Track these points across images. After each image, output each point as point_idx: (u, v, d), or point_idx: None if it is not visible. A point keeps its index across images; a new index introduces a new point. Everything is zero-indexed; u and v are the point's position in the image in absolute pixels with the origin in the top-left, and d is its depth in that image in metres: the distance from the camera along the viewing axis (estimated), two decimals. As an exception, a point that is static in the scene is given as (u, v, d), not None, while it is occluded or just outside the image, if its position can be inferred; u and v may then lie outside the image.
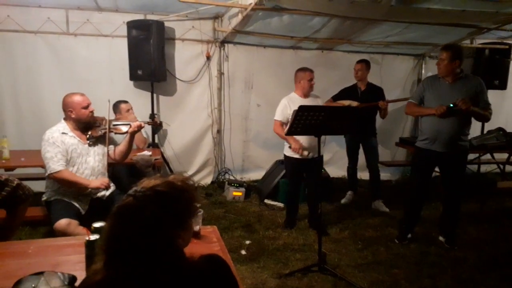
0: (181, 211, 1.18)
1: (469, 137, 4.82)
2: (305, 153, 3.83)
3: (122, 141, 3.22)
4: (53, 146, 2.90)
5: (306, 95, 3.93)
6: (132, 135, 3.14)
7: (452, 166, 3.61)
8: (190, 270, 1.15)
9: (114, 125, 3.16)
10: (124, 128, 3.15)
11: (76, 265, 1.78)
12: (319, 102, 3.99)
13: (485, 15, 4.11)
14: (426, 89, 3.60)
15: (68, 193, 2.98)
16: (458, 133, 3.50)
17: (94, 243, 1.82)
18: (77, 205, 2.99)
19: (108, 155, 3.16)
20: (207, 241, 2.12)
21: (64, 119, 3.05)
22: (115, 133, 3.20)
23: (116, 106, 4.33)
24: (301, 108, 3.00)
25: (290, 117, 3.51)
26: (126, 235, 1.10)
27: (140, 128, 3.14)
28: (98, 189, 3.01)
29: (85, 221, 2.87)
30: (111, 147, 3.21)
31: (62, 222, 2.76)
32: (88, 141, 3.05)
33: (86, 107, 3.00)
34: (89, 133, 3.04)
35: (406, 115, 4.00)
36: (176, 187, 1.19)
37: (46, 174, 2.93)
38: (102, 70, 4.91)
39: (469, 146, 3.63)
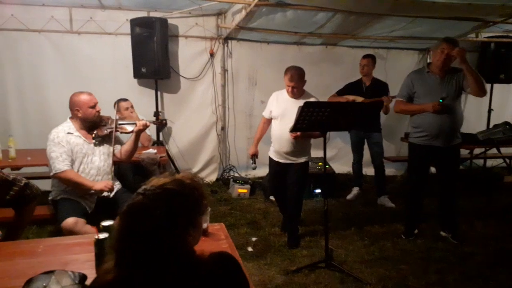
0: (191, 209, 1.18)
1: (475, 131, 4.84)
2: None
3: (128, 140, 3.22)
4: (59, 146, 2.90)
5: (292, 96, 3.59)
6: (138, 134, 3.13)
7: (449, 160, 3.63)
8: (201, 268, 1.14)
9: (120, 124, 3.15)
10: (130, 127, 3.14)
11: (85, 263, 1.78)
12: None
13: (491, 8, 4.06)
14: (415, 85, 3.59)
15: (75, 192, 2.98)
16: (458, 127, 3.56)
17: (103, 242, 1.82)
18: (83, 203, 3.00)
19: (114, 154, 3.15)
20: (215, 238, 2.11)
21: (70, 118, 3.04)
22: (121, 132, 3.19)
23: (115, 104, 4.32)
24: (306, 105, 2.98)
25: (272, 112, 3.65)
26: (137, 234, 1.10)
27: (145, 127, 3.12)
28: (101, 191, 3.00)
29: (92, 220, 2.88)
30: (117, 146, 3.20)
31: (70, 221, 2.77)
32: (94, 141, 3.04)
33: (93, 107, 2.99)
34: (95, 132, 3.03)
35: (396, 112, 3.94)
36: (186, 185, 1.19)
37: (51, 174, 2.93)
38: (106, 68, 4.90)
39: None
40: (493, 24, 4.68)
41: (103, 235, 1.85)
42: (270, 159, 3.74)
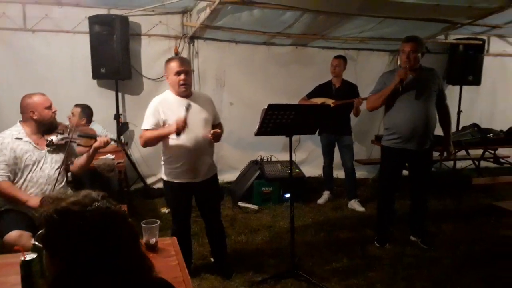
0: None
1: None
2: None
3: (84, 154, 2.98)
4: (0, 153, 2.66)
5: (180, 94, 2.83)
6: (96, 150, 2.90)
7: (422, 164, 3.56)
8: None
9: (79, 135, 2.93)
10: (90, 142, 2.91)
11: (13, 287, 1.58)
12: (210, 109, 3.00)
13: (458, 10, 4.05)
14: (387, 83, 3.47)
15: None
16: (431, 129, 3.47)
17: (30, 264, 1.62)
18: (30, 215, 2.72)
19: (68, 165, 2.95)
20: (164, 255, 1.94)
21: (21, 122, 2.81)
22: (78, 145, 2.98)
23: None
24: (271, 107, 2.83)
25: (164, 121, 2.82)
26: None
27: (106, 144, 2.88)
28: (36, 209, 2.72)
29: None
30: (72, 159, 2.99)
31: (13, 235, 2.54)
32: (47, 148, 2.81)
33: (49, 107, 2.78)
34: (51, 139, 2.79)
35: (369, 110, 3.85)
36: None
37: None
38: (62, 69, 4.63)
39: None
40: (461, 26, 4.68)
41: (30, 256, 1.65)
42: (171, 185, 2.92)
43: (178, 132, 2.69)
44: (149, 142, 2.90)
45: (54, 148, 2.82)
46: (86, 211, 1.01)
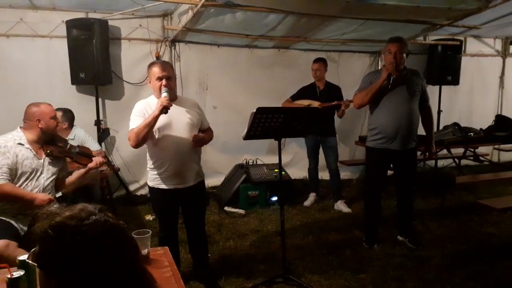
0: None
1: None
2: None
3: (76, 172, 2.98)
4: (3, 156, 2.61)
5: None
6: (89, 170, 2.94)
7: (407, 164, 3.58)
8: None
9: (78, 153, 2.99)
10: (86, 161, 2.97)
11: (-4, 308, 1.49)
12: (195, 113, 2.90)
13: (438, 11, 4.12)
14: (373, 83, 3.47)
15: (6, 212, 2.67)
16: (415, 129, 3.51)
17: (18, 281, 1.53)
18: (16, 225, 2.67)
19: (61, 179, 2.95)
20: (157, 265, 1.87)
21: (21, 128, 2.76)
22: (74, 161, 2.99)
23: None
24: (259, 110, 2.80)
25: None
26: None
27: (100, 165, 2.97)
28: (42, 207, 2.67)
29: (25, 243, 2.58)
30: (63, 174, 2.98)
31: (0, 244, 2.47)
32: (47, 158, 2.79)
33: (54, 117, 2.81)
34: (51, 149, 2.79)
35: (358, 109, 3.89)
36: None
37: None
38: (40, 75, 4.48)
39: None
40: (440, 27, 4.76)
41: (17, 273, 1.55)
42: (157, 191, 2.83)
43: (165, 110, 2.57)
44: (140, 137, 2.67)
45: (52, 159, 2.84)
46: (84, 225, 0.94)
